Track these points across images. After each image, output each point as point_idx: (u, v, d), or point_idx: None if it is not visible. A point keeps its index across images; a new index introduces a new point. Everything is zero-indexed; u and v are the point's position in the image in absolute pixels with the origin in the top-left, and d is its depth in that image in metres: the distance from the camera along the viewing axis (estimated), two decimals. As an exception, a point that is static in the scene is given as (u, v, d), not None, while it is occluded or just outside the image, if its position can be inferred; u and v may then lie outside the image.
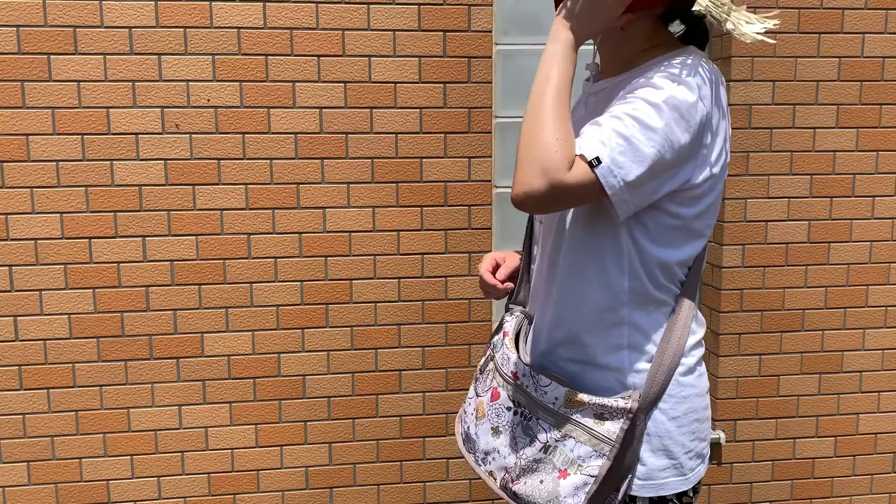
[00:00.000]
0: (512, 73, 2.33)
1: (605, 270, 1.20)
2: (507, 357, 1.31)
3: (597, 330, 1.23)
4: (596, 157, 1.07)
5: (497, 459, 1.28)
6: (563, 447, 1.20)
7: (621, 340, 1.22)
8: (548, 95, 1.12)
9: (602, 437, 1.17)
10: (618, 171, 1.08)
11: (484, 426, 1.32)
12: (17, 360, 2.18)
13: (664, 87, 1.10)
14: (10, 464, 2.21)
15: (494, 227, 2.35)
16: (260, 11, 2.13)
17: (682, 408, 1.23)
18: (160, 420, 2.25)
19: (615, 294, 1.21)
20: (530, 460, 1.23)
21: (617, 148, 1.08)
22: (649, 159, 1.08)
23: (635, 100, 1.10)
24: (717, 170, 1.18)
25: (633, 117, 1.09)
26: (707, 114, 1.12)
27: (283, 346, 2.27)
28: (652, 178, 1.10)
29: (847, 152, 2.40)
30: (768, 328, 2.44)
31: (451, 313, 2.32)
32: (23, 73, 2.07)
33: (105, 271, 2.17)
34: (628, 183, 1.08)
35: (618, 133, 1.08)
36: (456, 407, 2.36)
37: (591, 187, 1.09)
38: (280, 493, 2.33)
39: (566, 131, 1.10)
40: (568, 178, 1.07)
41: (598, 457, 1.17)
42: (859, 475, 2.56)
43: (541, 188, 1.08)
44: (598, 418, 1.18)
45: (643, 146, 1.08)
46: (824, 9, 2.33)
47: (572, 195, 1.10)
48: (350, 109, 2.20)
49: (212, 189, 2.18)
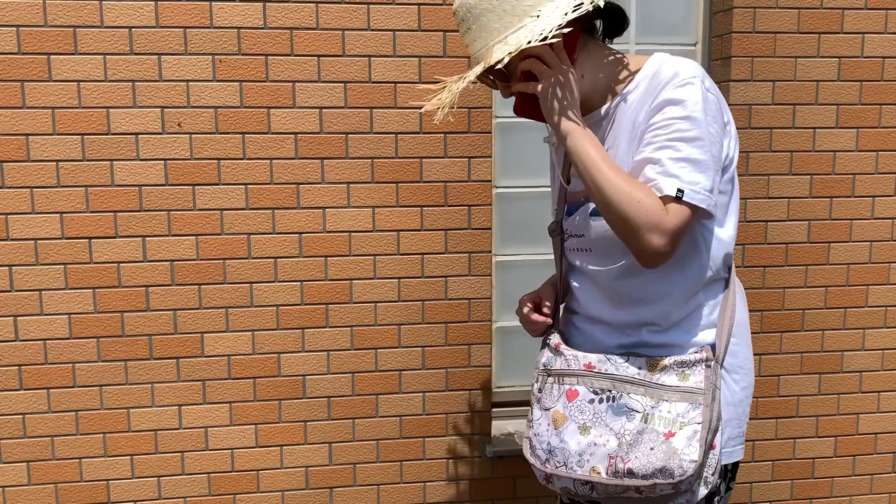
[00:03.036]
0: (512, 73, 2.33)
1: (685, 262, 1.31)
2: (573, 356, 1.38)
3: (681, 317, 1.33)
4: (678, 189, 1.19)
5: (596, 452, 1.31)
6: (660, 412, 1.28)
7: (702, 320, 1.33)
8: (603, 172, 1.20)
9: (691, 390, 1.27)
10: (698, 188, 1.20)
11: (569, 429, 1.36)
12: (17, 360, 2.18)
13: (684, 99, 1.21)
14: (10, 464, 2.21)
15: (494, 227, 2.35)
16: (260, 11, 2.13)
17: (748, 380, 1.37)
18: (160, 420, 2.25)
19: (696, 283, 1.32)
20: (634, 434, 1.28)
21: (684, 171, 1.19)
22: (709, 163, 1.21)
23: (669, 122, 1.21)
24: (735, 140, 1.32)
25: (678, 139, 1.20)
26: (717, 98, 1.25)
27: (283, 346, 2.27)
28: (716, 172, 1.23)
29: (847, 152, 2.40)
30: (768, 328, 2.44)
31: (451, 313, 2.32)
32: (23, 73, 2.07)
33: (105, 271, 2.17)
34: (709, 189, 1.21)
35: (676, 159, 1.20)
36: (456, 407, 2.36)
37: (690, 215, 1.21)
38: (280, 493, 2.33)
39: (640, 186, 1.19)
40: (672, 221, 1.19)
41: (694, 408, 1.26)
42: (859, 475, 2.56)
43: (659, 244, 1.19)
44: (681, 377, 1.28)
45: (699, 156, 1.20)
46: (824, 9, 2.33)
47: (683, 230, 1.21)
48: (350, 109, 2.20)
49: (212, 189, 2.18)
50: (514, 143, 2.39)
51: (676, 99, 1.21)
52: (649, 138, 1.22)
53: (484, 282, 2.32)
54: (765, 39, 2.32)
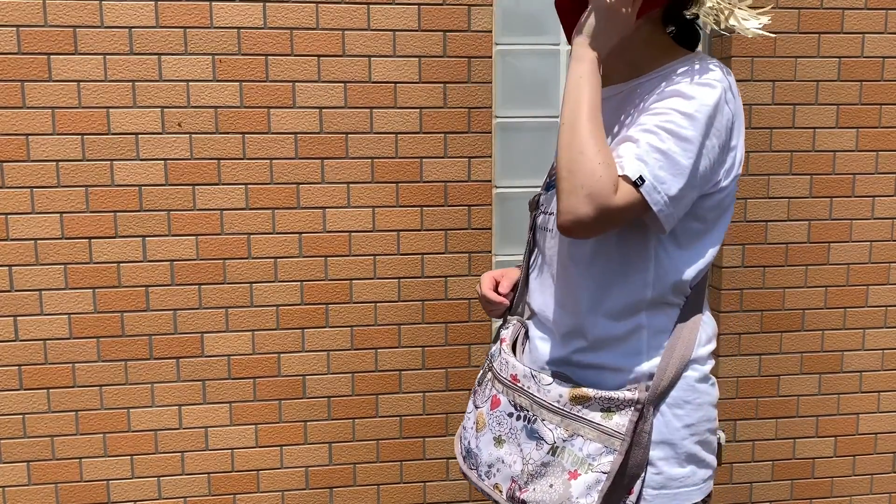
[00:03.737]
0: (512, 73, 2.33)
1: (629, 278, 1.20)
2: (505, 362, 1.29)
3: (618, 337, 1.21)
4: (640, 177, 1.08)
5: (502, 470, 1.25)
6: (571, 447, 1.17)
7: (640, 345, 1.21)
8: (583, 118, 1.11)
9: (611, 432, 1.15)
10: (661, 187, 1.09)
11: (485, 437, 1.29)
12: (17, 360, 2.18)
13: (694, 96, 1.11)
14: (10, 464, 2.21)
15: (494, 227, 2.35)
16: (260, 11, 2.13)
17: (698, 415, 1.22)
18: (160, 420, 2.25)
19: (636, 301, 1.20)
20: (538, 465, 1.19)
21: (656, 164, 1.08)
22: (687, 170, 1.09)
23: (667, 111, 1.11)
24: (739, 170, 1.20)
25: (668, 130, 1.09)
26: (732, 117, 1.15)
27: (283, 346, 2.27)
28: (691, 188, 1.11)
29: (847, 152, 2.40)
30: (768, 328, 2.44)
31: (451, 313, 2.32)
32: (23, 73, 2.07)
33: (105, 271, 2.17)
34: (672, 197, 1.09)
35: (655, 148, 1.09)
36: (456, 407, 2.36)
37: (637, 207, 1.09)
38: (280, 493, 2.33)
39: (606, 153, 1.09)
40: (616, 201, 1.07)
41: (608, 453, 1.15)
42: (859, 475, 2.56)
43: (589, 214, 1.07)
44: (605, 412, 1.16)
45: (681, 158, 1.09)
46: (824, 9, 2.33)
47: (620, 217, 1.10)
48: (350, 109, 2.20)
49: (212, 189, 2.18)
50: (514, 143, 2.39)
51: (687, 93, 1.11)
52: (642, 119, 1.13)
53: (484, 282, 2.32)
54: (764, 39, 2.32)
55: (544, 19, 2.33)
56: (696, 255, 1.20)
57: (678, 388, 1.20)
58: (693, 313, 1.23)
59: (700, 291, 1.24)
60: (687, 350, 1.20)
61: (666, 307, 1.22)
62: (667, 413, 1.19)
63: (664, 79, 1.17)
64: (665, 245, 1.18)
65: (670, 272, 1.19)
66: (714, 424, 1.27)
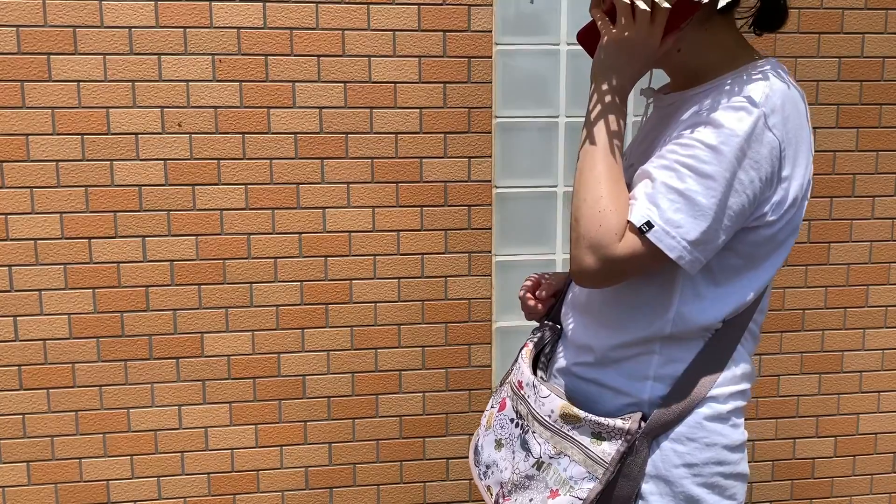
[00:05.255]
0: (512, 73, 2.33)
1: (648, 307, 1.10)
2: (518, 367, 1.26)
3: (626, 356, 1.14)
4: (646, 222, 0.98)
5: (495, 473, 1.23)
6: (557, 465, 1.12)
7: (648, 371, 1.12)
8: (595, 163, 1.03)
9: (597, 458, 1.08)
10: (675, 231, 0.98)
11: (489, 437, 1.27)
12: (17, 360, 2.18)
13: (723, 123, 0.97)
14: (10, 464, 2.21)
15: (494, 227, 2.35)
16: (260, 11, 2.13)
17: (703, 456, 1.11)
18: (160, 420, 2.25)
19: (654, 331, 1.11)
20: (523, 476, 1.16)
21: (671, 206, 0.98)
22: (711, 211, 0.97)
23: (692, 142, 0.99)
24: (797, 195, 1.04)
25: (688, 166, 0.98)
26: (780, 144, 0.99)
27: (283, 346, 2.27)
28: (719, 228, 0.99)
29: (847, 152, 2.40)
30: (768, 328, 2.44)
31: (451, 313, 2.32)
32: (23, 73, 2.07)
33: (105, 271, 2.17)
34: (691, 242, 0.98)
35: (670, 188, 0.98)
36: (456, 407, 2.36)
37: (648, 254, 1.00)
38: (280, 493, 2.33)
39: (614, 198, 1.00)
40: (618, 251, 0.99)
41: (590, 479, 1.08)
42: (859, 475, 2.56)
43: (592, 265, 1.00)
44: (595, 437, 1.09)
45: (701, 198, 0.97)
46: (824, 9, 2.33)
47: (630, 267, 1.01)
48: (350, 109, 2.20)
49: (212, 189, 2.18)
50: (514, 143, 2.39)
51: (716, 121, 0.98)
52: (665, 150, 1.02)
53: (484, 282, 2.32)
54: (765, 39, 2.32)
55: (544, 19, 2.33)
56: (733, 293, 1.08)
57: (684, 424, 1.11)
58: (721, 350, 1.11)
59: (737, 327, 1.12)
60: (703, 387, 1.10)
61: (688, 340, 1.11)
62: (665, 447, 1.11)
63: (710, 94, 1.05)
64: (695, 281, 1.07)
65: (696, 311, 1.09)
66: (731, 469, 1.15)
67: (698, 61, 1.10)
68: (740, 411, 1.17)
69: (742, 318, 1.11)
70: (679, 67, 1.13)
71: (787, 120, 1.00)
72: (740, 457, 1.17)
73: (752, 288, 1.09)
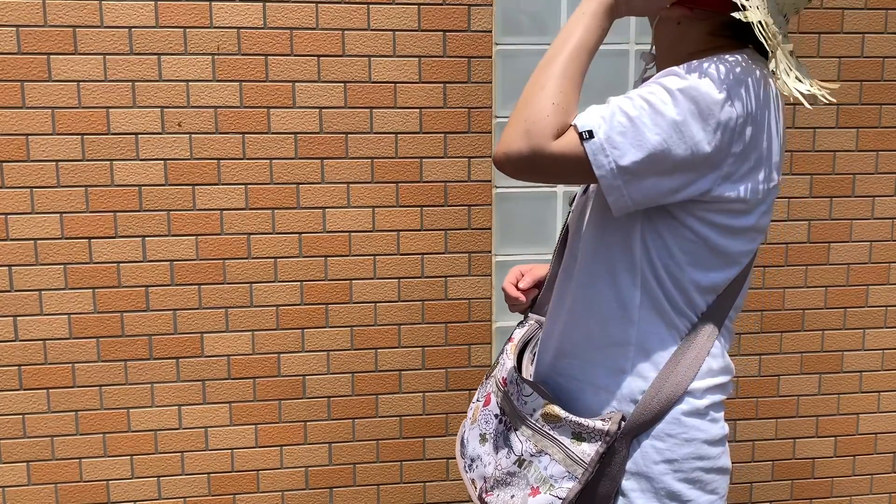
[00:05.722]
0: (512, 73, 2.33)
1: (616, 281, 1.11)
2: (503, 362, 1.27)
3: (601, 346, 1.14)
4: (588, 130, 0.98)
5: (479, 468, 1.24)
6: (538, 463, 1.13)
7: (625, 363, 1.12)
8: (560, 56, 1.03)
9: (576, 458, 1.09)
10: (611, 151, 0.97)
11: (474, 431, 1.28)
12: (17, 360, 2.18)
13: (688, 78, 0.98)
14: (10, 464, 2.21)
15: (494, 227, 2.35)
16: (260, 11, 2.13)
17: (683, 451, 1.11)
18: (160, 420, 2.25)
19: (625, 309, 1.11)
20: (504, 472, 1.17)
21: (618, 127, 0.97)
22: (651, 147, 0.97)
23: (653, 84, 1.00)
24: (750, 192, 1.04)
25: (645, 99, 0.98)
26: (737, 118, 0.99)
27: (283, 346, 2.27)
28: (654, 171, 0.99)
29: (847, 152, 2.40)
30: (768, 328, 2.44)
31: (451, 313, 2.32)
32: (23, 73, 2.07)
33: (105, 271, 2.17)
34: (621, 167, 0.98)
35: (623, 111, 0.98)
36: (456, 407, 2.36)
37: (576, 162, 0.99)
38: (280, 493, 2.33)
39: (567, 98, 1.00)
40: (553, 146, 0.98)
41: (570, 479, 1.09)
42: (859, 475, 2.56)
43: (521, 150, 1.00)
44: (575, 437, 1.10)
45: (647, 131, 0.97)
46: (824, 9, 2.33)
47: (554, 166, 1.00)
48: (350, 109, 2.20)
49: (212, 189, 2.18)
50: (514, 143, 2.39)
51: (681, 73, 0.99)
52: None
53: (484, 282, 2.32)
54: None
55: (544, 19, 2.33)
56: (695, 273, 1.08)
57: (663, 421, 1.10)
58: (698, 345, 1.11)
59: (714, 321, 1.12)
60: (680, 384, 1.09)
61: (660, 326, 1.11)
62: (645, 445, 1.11)
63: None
64: (649, 247, 1.08)
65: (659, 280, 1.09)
66: (711, 464, 1.15)
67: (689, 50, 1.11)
68: (719, 406, 1.17)
69: (718, 312, 1.12)
70: (667, 49, 1.14)
71: (751, 100, 1.01)
72: (721, 451, 1.17)
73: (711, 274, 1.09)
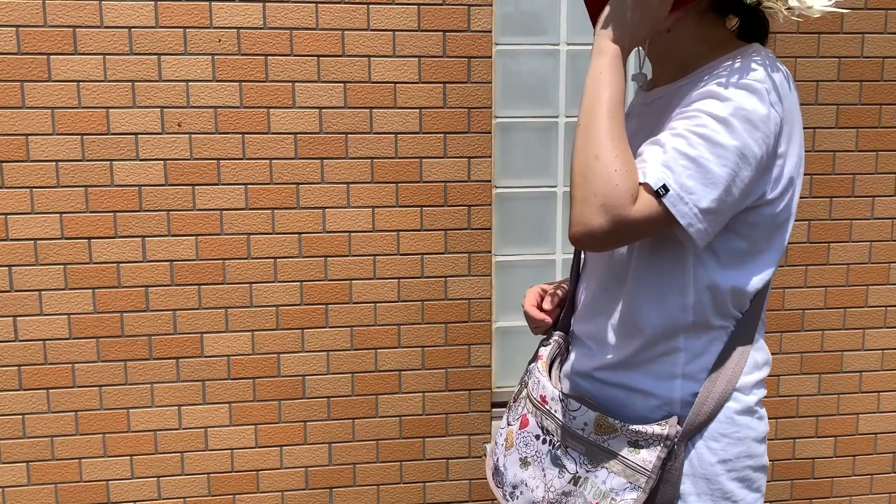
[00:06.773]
0: (512, 73, 2.33)
1: (665, 299, 1.10)
2: (538, 381, 1.23)
3: (651, 359, 1.12)
4: (662, 186, 0.96)
5: (525, 493, 1.20)
6: (595, 478, 1.10)
7: (675, 369, 1.11)
8: (600, 119, 1.00)
9: (637, 468, 1.07)
10: (688, 198, 0.97)
11: (512, 457, 1.24)
12: (17, 360, 2.18)
13: (731, 97, 0.98)
14: (10, 464, 2.21)
15: (494, 228, 2.35)
16: (260, 11, 2.13)
17: (736, 450, 1.11)
18: (160, 420, 2.25)
19: (675, 323, 1.10)
20: (559, 493, 1.13)
21: (683, 172, 0.96)
22: (723, 181, 0.97)
23: (699, 114, 0.99)
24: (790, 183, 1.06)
25: (699, 135, 0.97)
26: (780, 121, 1.01)
27: (282, 346, 2.27)
28: (731, 199, 0.99)
29: (847, 152, 2.40)
30: (768, 328, 2.43)
31: (451, 313, 2.32)
32: (23, 73, 2.07)
33: (105, 271, 2.17)
34: (703, 210, 0.97)
35: (683, 154, 0.97)
36: (456, 407, 2.36)
37: (660, 219, 0.98)
38: (280, 494, 2.33)
39: (626, 158, 0.98)
40: (633, 212, 0.97)
41: (632, 489, 1.07)
42: (859, 475, 2.56)
43: (603, 226, 0.97)
44: (632, 446, 1.08)
45: (713, 166, 0.96)
46: (824, 9, 2.32)
47: (639, 230, 1.00)
48: (350, 109, 2.20)
49: (211, 189, 2.18)
50: (514, 143, 2.39)
51: (723, 95, 0.99)
52: (673, 123, 1.01)
53: (484, 282, 2.32)
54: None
55: (544, 19, 2.33)
56: (744, 276, 1.08)
57: (716, 420, 1.10)
58: (743, 340, 1.11)
59: (754, 315, 1.12)
60: (731, 381, 1.09)
61: (709, 331, 1.10)
62: (700, 446, 1.10)
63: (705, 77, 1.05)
64: (706, 264, 1.07)
65: (714, 295, 1.08)
66: (758, 462, 1.15)
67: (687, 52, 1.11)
68: (761, 402, 1.17)
69: (757, 305, 1.12)
70: (665, 55, 1.14)
71: (784, 98, 1.03)
72: (764, 448, 1.18)
73: (762, 272, 1.09)
